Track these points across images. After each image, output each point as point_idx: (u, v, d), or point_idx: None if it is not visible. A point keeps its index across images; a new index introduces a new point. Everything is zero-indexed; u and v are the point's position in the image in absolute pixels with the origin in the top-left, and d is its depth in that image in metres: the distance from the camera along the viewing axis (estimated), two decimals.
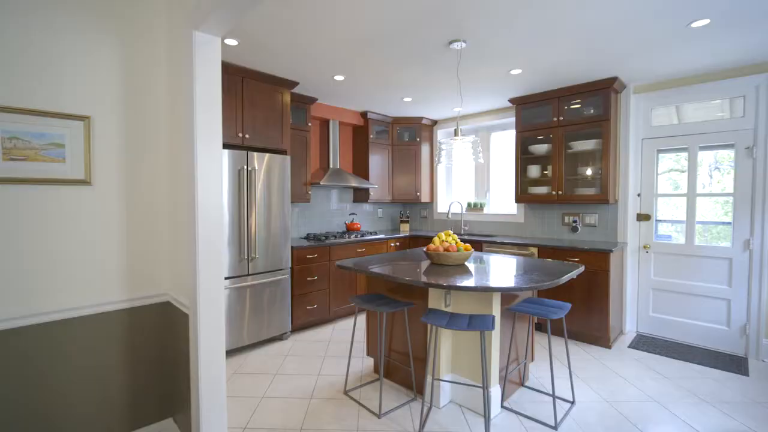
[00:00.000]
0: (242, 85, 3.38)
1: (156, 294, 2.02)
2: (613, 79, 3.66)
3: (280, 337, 3.69)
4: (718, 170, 3.66)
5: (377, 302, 2.55)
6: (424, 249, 2.74)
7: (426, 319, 2.17)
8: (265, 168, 3.47)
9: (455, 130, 2.83)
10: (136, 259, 1.97)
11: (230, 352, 3.36)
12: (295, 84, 3.73)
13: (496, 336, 2.44)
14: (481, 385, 2.41)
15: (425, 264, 2.71)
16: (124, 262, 1.93)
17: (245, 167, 3.32)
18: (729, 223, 3.51)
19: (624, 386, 2.81)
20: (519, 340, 2.75)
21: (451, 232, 2.80)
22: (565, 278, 2.29)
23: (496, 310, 2.43)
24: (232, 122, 3.32)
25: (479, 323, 2.12)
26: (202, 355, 1.77)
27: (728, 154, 3.54)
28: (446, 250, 2.63)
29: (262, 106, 3.54)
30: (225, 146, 3.38)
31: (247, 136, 3.41)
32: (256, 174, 3.41)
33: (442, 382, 2.52)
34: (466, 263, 2.75)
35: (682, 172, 3.79)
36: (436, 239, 2.76)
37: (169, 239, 2.08)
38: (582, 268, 2.60)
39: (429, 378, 2.51)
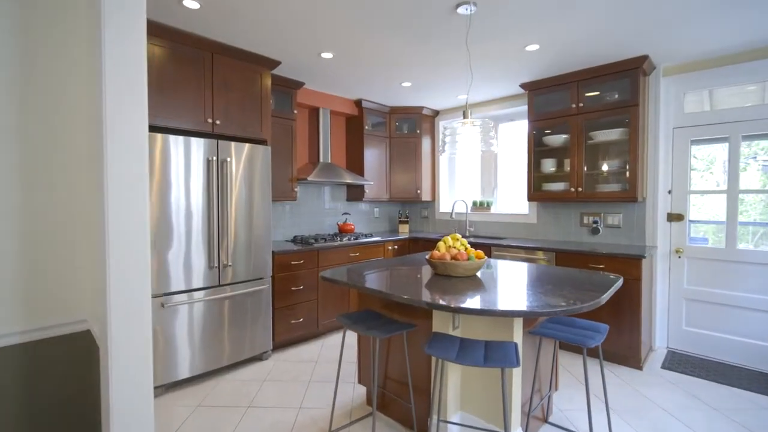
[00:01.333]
0: (212, 63, 2.88)
1: (71, 321, 1.53)
2: (644, 58, 3.17)
3: (259, 357, 3.19)
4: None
5: (369, 323, 2.06)
6: (427, 256, 2.25)
7: (430, 350, 1.68)
8: (240, 160, 2.97)
9: (464, 112, 2.34)
10: (41, 275, 1.48)
11: (198, 378, 2.86)
12: (276, 63, 3.23)
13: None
14: (500, 430, 1.92)
15: (428, 273, 2.22)
16: (20, 279, 1.43)
17: (215, 158, 2.82)
18: (760, 224, 3.07)
19: (667, 422, 2.33)
20: (543, 368, 2.26)
21: (459, 236, 2.31)
22: (607, 296, 1.80)
23: (518, 334, 1.94)
24: (199, 105, 2.82)
25: (499, 356, 1.63)
26: (115, 404, 1.28)
27: (742, 151, 3.15)
28: (454, 258, 2.14)
29: (238, 89, 3.04)
30: (190, 133, 2.88)
31: (218, 122, 2.91)
32: (230, 166, 2.91)
33: (449, 425, 2.03)
34: (477, 274, 2.26)
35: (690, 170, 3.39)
36: (441, 245, 2.27)
37: (90, 248, 1.59)
38: (621, 281, 2.11)
39: (434, 418, 2.02)
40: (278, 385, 2.74)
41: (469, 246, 2.29)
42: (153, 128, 2.68)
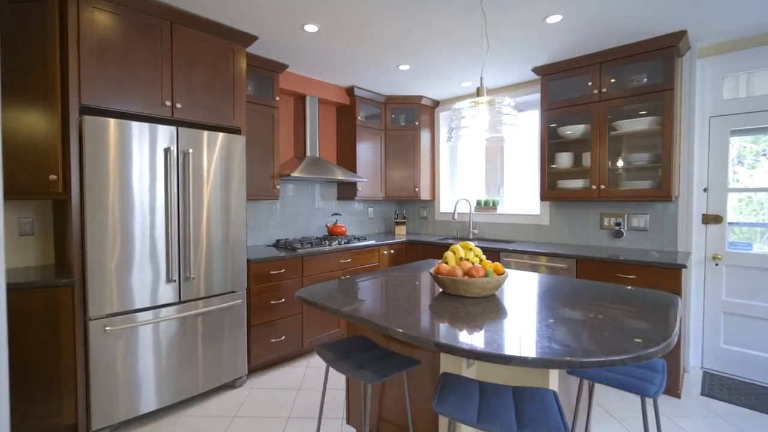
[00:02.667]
0: (171, 34, 2.39)
1: None
2: (681, 34, 2.72)
3: (231, 384, 2.71)
4: (741, 164, 2.92)
5: (360, 356, 1.60)
6: (431, 270, 1.79)
7: (441, 407, 1.22)
8: (207, 151, 2.49)
9: (478, 89, 1.87)
10: None
11: (153, 415, 2.38)
12: (252, 39, 2.75)
13: None
14: None
15: (431, 289, 1.76)
16: None
17: (174, 147, 2.34)
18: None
19: None
20: (580, 414, 1.80)
21: (471, 244, 1.85)
22: (676, 328, 1.34)
23: (554, 378, 1.48)
24: (154, 85, 2.33)
25: (537, 416, 1.17)
26: None
27: (752, 147, 2.86)
28: (467, 273, 1.68)
29: (204, 67, 2.56)
30: (142, 118, 2.39)
31: (178, 105, 2.43)
32: (194, 158, 2.43)
33: None
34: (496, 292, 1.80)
35: None
36: (449, 255, 1.81)
37: None
38: (679, 302, 1.66)
39: None
40: (250, 423, 2.27)
41: (484, 257, 1.83)
42: (88, 110, 2.19)
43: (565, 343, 1.17)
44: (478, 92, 1.86)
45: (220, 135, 2.56)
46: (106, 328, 2.09)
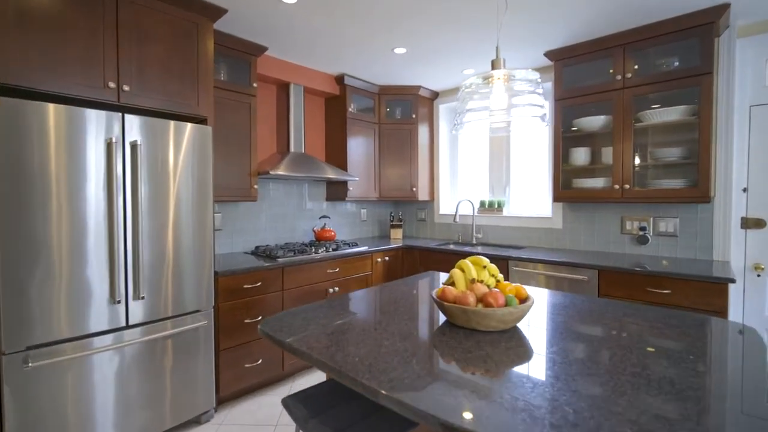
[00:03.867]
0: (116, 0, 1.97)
1: None
2: (723, 8, 2.33)
3: (196, 420, 2.30)
4: None
5: (338, 413, 1.19)
6: (434, 295, 1.38)
7: None
8: (163, 143, 2.07)
9: (493, 61, 1.46)
10: None
11: None
12: (220, 11, 2.33)
13: None
14: None
15: (430, 314, 1.36)
16: None
17: (118, 138, 1.92)
18: None
19: None
20: None
21: (485, 260, 1.44)
22: None
23: None
24: (94, 61, 1.90)
25: None
26: None
27: None
28: (483, 300, 1.27)
29: (160, 43, 2.14)
30: (78, 102, 1.95)
31: (126, 88, 2.00)
32: (143, 152, 2.01)
33: None
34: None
35: None
36: (457, 275, 1.40)
37: None
38: (764, 339, 1.27)
39: None
40: None
41: (501, 277, 1.42)
42: (5, 91, 1.77)
43: (644, 426, 0.76)
44: (494, 65, 1.46)
45: (182, 125, 2.13)
46: (26, 365, 1.67)
